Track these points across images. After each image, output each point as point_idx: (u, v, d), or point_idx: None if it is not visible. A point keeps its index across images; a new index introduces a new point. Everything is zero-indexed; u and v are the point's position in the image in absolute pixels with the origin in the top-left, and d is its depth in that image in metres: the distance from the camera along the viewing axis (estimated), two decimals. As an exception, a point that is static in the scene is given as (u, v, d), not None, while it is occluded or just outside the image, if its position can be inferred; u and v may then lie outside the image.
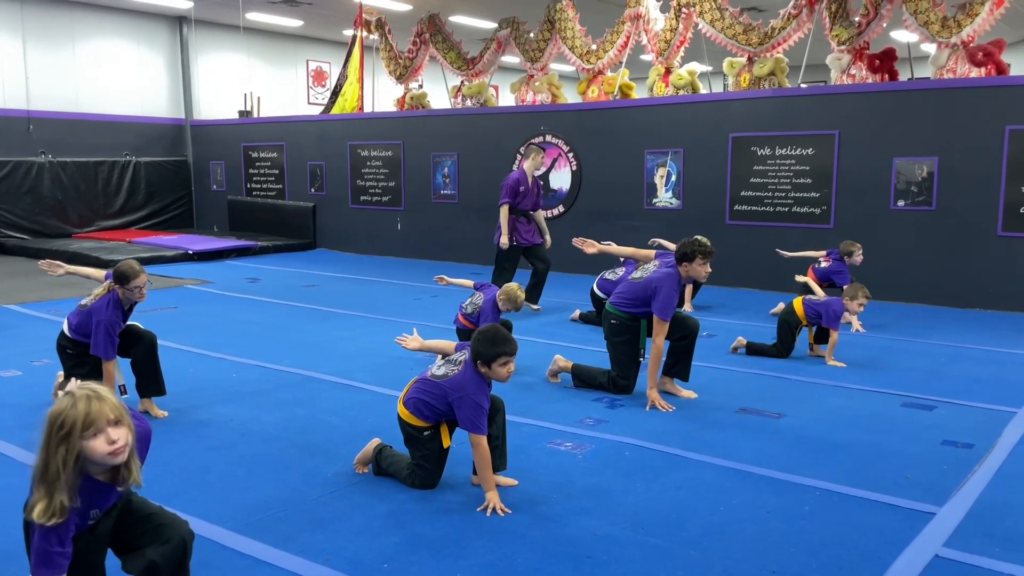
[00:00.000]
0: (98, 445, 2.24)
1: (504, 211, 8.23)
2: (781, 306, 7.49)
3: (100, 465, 2.30)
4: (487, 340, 3.52)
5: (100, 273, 5.02)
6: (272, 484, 3.76)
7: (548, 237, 8.63)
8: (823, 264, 7.70)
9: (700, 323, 5.43)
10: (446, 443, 3.70)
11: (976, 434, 4.53)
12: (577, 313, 7.80)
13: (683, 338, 5.23)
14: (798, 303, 6.34)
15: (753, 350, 6.42)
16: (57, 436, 2.22)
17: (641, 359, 5.27)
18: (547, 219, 11.55)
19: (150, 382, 4.83)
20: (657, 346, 4.99)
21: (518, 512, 3.46)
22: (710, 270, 5.11)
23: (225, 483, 3.77)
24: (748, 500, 3.61)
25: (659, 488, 3.75)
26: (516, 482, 3.75)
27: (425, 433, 3.67)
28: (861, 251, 7.60)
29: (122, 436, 2.28)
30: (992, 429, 4.61)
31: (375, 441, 3.92)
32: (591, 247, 5.80)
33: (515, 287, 5.86)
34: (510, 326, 5.39)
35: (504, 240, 8.25)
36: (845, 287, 6.72)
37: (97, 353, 4.61)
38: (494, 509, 3.43)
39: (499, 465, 3.71)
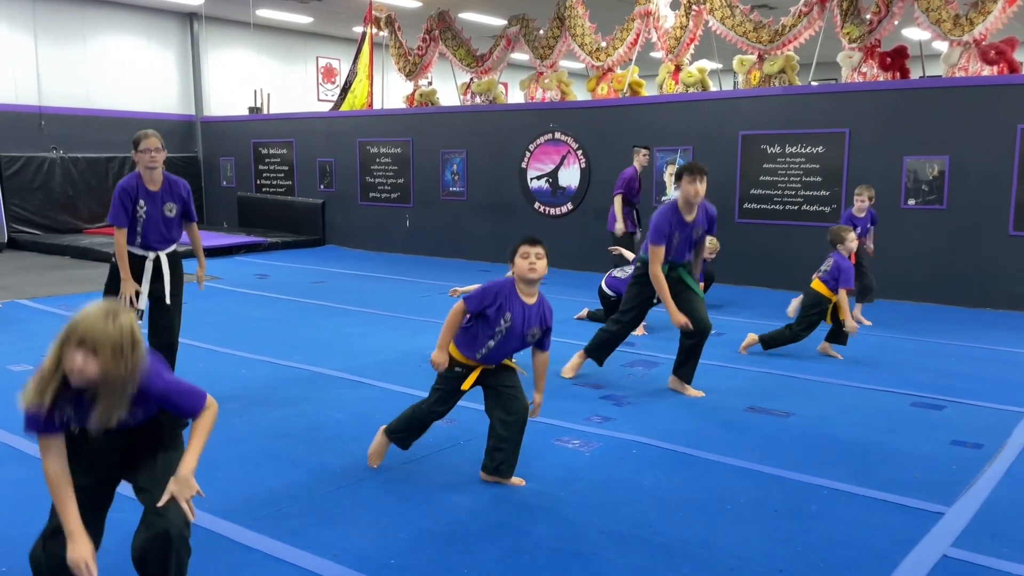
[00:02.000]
0: (68, 360, 2.28)
1: (617, 201, 8.78)
2: (794, 304, 7.37)
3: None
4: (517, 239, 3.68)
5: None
6: (280, 479, 3.77)
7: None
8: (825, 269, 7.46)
9: (712, 324, 5.37)
10: (466, 386, 3.69)
11: (985, 434, 4.51)
12: (585, 312, 7.79)
13: (692, 337, 5.21)
14: (816, 284, 6.21)
15: (770, 342, 6.33)
16: (57, 339, 2.30)
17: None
18: (555, 216, 11.58)
19: None
20: (654, 274, 5.11)
21: (525, 509, 3.47)
22: (699, 190, 5.03)
23: (233, 478, 3.79)
24: (756, 499, 3.61)
25: (666, 486, 3.74)
26: (523, 482, 3.75)
27: (457, 368, 3.69)
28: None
29: (80, 364, 2.25)
30: (1002, 429, 4.59)
31: (380, 429, 3.93)
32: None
33: None
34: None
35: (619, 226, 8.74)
36: (830, 235, 6.41)
37: (109, 220, 4.72)
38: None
39: (503, 473, 3.72)
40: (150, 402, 2.46)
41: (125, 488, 2.63)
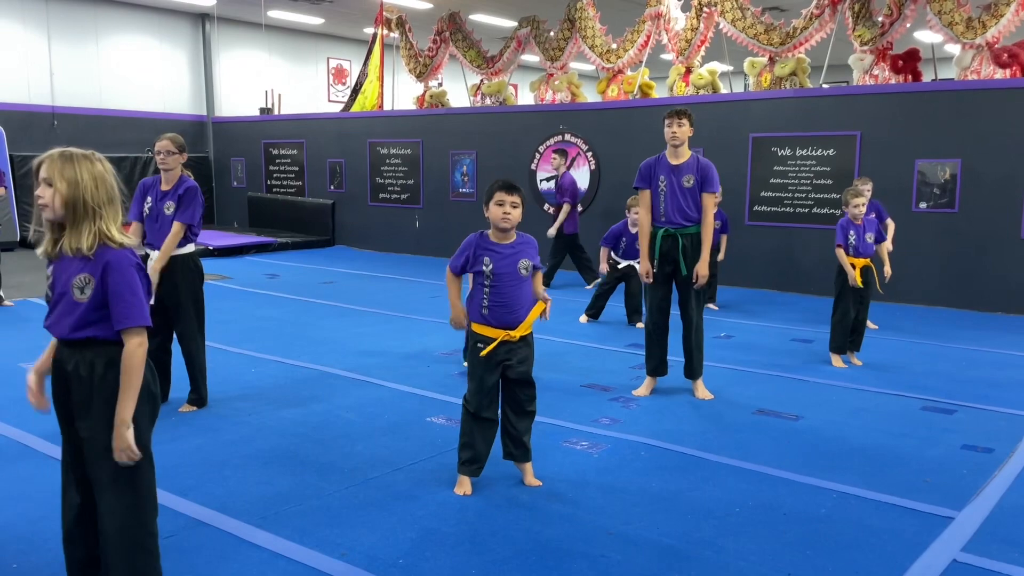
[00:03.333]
0: (38, 198, 2.44)
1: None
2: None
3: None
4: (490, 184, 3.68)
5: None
6: (289, 479, 3.79)
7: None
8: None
9: (703, 321, 5.33)
10: (484, 353, 3.62)
11: (996, 438, 4.48)
12: (584, 317, 7.74)
13: (684, 329, 5.26)
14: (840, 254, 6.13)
15: (836, 338, 6.17)
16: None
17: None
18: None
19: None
20: (640, 218, 5.26)
21: (532, 510, 3.47)
22: (676, 132, 5.15)
23: (242, 477, 3.80)
24: (764, 502, 3.60)
25: (674, 488, 3.74)
26: (541, 483, 3.75)
27: (479, 344, 3.64)
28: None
29: (46, 196, 2.41)
30: (1012, 434, 4.57)
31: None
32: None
33: None
34: None
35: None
36: (843, 195, 6.26)
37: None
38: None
39: (516, 458, 3.77)
40: (101, 276, 2.39)
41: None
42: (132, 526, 2.45)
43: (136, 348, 2.38)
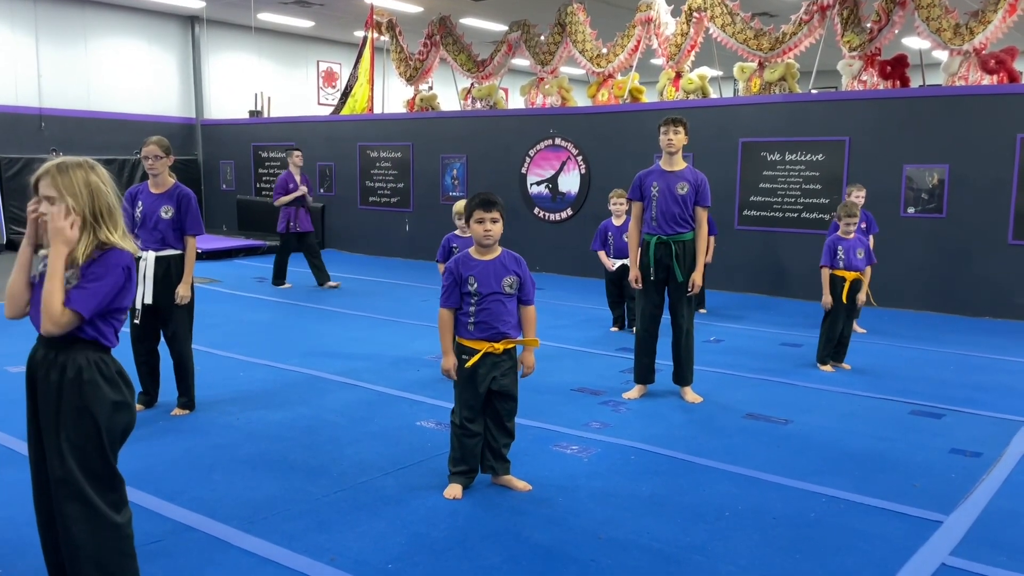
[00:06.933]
0: (45, 214, 2.41)
1: (278, 204, 9.79)
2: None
3: None
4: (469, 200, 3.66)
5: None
6: (277, 483, 3.77)
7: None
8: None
9: (694, 326, 5.35)
10: (469, 364, 3.61)
11: (984, 443, 4.50)
12: (615, 328, 7.63)
13: (674, 334, 5.29)
14: (824, 273, 6.20)
15: (825, 348, 6.20)
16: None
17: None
18: (555, 222, 11.57)
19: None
20: (629, 230, 5.32)
21: (522, 515, 3.46)
22: (672, 140, 5.09)
23: (231, 481, 3.78)
24: (754, 506, 3.60)
25: (664, 493, 3.73)
26: (530, 487, 3.74)
27: (464, 356, 3.64)
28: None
29: (45, 210, 2.38)
30: (1000, 438, 4.59)
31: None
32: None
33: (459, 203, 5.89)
34: None
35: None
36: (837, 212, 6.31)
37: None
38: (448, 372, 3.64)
39: (499, 469, 3.77)
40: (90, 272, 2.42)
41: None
42: (104, 532, 2.43)
43: (67, 324, 2.44)
